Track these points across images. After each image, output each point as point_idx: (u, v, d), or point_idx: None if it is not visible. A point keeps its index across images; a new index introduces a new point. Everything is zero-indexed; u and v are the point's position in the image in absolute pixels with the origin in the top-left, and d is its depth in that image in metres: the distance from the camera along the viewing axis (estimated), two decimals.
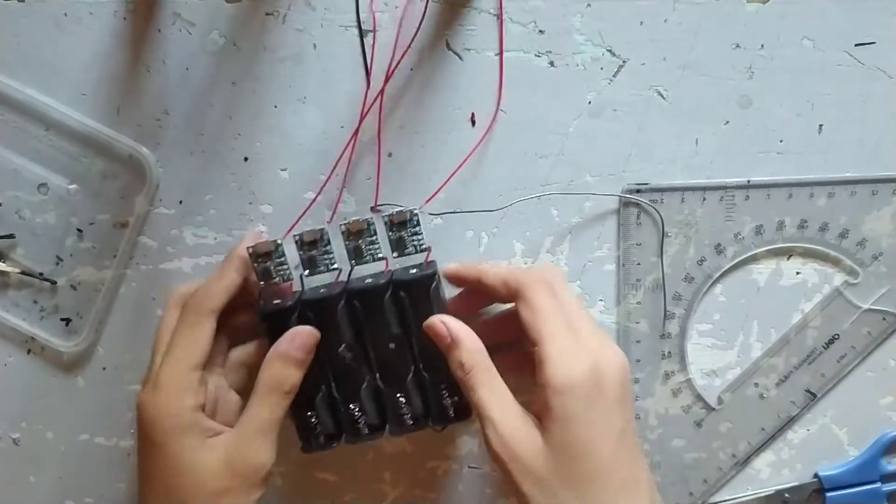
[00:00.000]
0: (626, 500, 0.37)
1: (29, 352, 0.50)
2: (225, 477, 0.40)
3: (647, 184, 0.48)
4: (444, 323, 0.41)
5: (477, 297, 0.46)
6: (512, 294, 0.41)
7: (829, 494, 0.49)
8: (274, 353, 0.41)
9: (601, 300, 0.49)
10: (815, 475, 0.49)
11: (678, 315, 0.49)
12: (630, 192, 0.48)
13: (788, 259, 0.48)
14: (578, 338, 0.39)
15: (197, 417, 0.40)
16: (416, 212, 0.44)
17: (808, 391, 0.49)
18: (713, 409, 0.49)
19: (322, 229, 0.44)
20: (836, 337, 0.48)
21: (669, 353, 0.49)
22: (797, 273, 0.49)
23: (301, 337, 0.41)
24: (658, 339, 0.49)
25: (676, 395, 0.49)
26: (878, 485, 0.49)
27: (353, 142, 0.46)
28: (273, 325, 0.43)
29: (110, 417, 0.50)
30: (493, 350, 0.41)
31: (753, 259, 0.48)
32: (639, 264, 0.48)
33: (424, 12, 0.45)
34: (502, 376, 0.40)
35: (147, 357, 0.44)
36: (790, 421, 0.49)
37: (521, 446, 0.38)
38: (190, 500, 0.40)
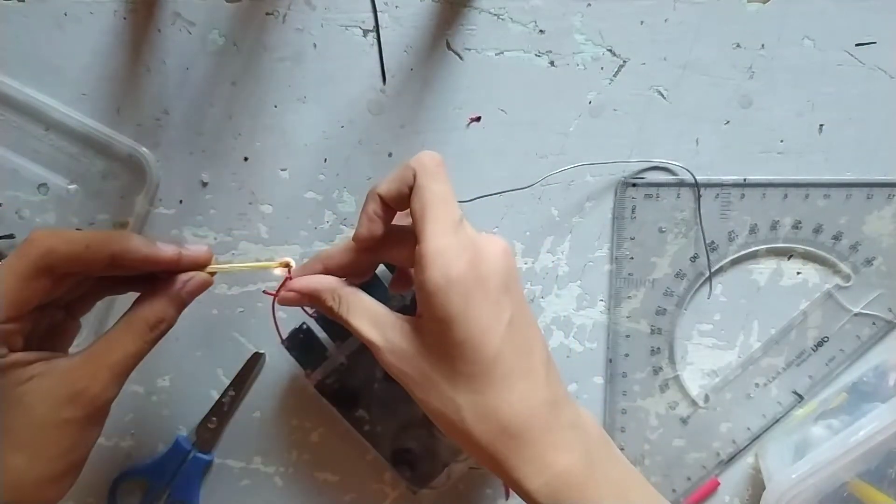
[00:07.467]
0: (518, 389, 0.36)
1: None
2: (65, 408, 0.36)
3: (643, 178, 0.48)
4: (294, 290, 0.40)
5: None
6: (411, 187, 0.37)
7: None
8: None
9: (601, 300, 0.49)
10: None
11: (669, 311, 0.48)
12: (626, 185, 0.48)
13: (789, 259, 0.48)
14: (457, 229, 0.36)
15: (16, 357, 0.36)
16: None
17: (795, 392, 0.49)
18: (700, 406, 0.49)
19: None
20: (826, 339, 0.48)
21: (659, 348, 0.49)
22: (798, 273, 0.48)
23: (194, 282, 0.40)
24: (648, 335, 0.49)
25: (664, 390, 0.49)
26: None
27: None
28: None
29: (110, 417, 0.49)
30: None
31: (752, 258, 0.48)
32: (632, 259, 0.48)
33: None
34: None
35: (149, 358, 0.43)
36: (776, 422, 0.49)
37: (404, 359, 0.37)
38: (19, 435, 0.36)
